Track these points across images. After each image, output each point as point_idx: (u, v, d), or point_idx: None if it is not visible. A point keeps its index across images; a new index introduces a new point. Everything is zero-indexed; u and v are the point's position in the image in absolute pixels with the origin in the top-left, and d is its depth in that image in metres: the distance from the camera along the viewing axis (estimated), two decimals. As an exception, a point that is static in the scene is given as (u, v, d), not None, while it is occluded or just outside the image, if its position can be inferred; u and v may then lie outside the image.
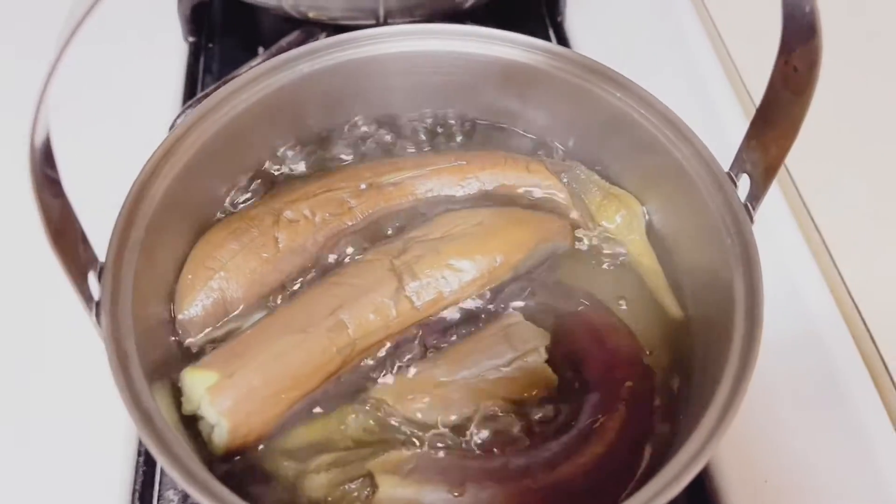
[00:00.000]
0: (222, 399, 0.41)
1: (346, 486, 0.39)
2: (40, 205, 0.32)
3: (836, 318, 0.61)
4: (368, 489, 0.39)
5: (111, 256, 0.40)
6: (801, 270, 0.64)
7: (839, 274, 0.64)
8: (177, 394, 0.44)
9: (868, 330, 0.61)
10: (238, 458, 0.42)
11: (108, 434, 0.55)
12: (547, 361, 0.44)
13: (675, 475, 0.35)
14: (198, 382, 0.42)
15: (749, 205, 0.44)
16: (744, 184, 0.45)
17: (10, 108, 0.46)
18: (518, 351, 0.44)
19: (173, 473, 0.34)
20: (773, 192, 0.68)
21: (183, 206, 0.47)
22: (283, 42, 0.75)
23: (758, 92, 0.42)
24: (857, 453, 0.54)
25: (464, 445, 0.42)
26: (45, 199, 0.32)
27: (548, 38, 0.79)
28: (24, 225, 0.34)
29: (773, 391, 0.56)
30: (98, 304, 0.38)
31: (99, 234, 0.40)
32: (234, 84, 0.49)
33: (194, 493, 0.33)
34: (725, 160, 0.46)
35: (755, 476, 0.53)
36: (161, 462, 0.34)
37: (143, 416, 0.36)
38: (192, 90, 0.77)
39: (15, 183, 0.33)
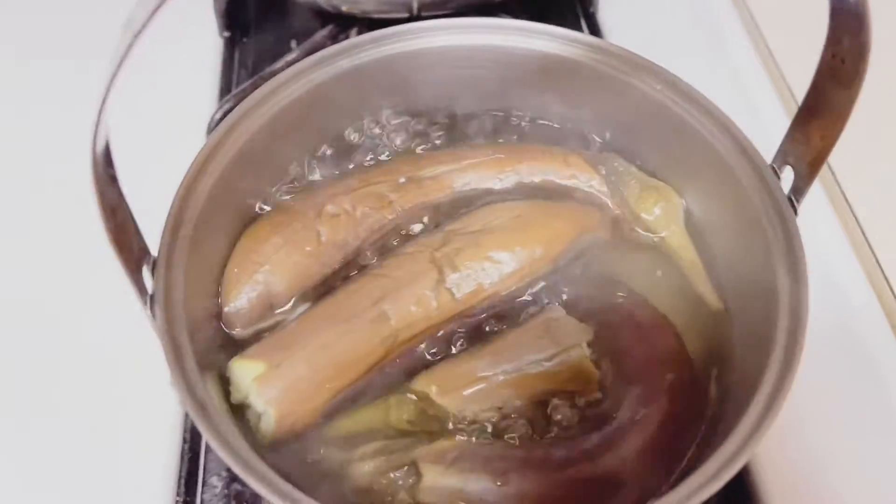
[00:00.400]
0: (269, 388, 0.42)
1: (391, 475, 0.40)
2: (101, 205, 0.33)
3: (877, 313, 0.60)
4: (413, 478, 0.40)
5: (163, 251, 0.41)
6: (840, 264, 0.63)
7: (880, 268, 0.63)
8: (225, 384, 0.45)
9: (909, 322, 0.60)
10: (285, 446, 0.43)
11: (155, 422, 0.56)
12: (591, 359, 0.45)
13: (715, 472, 0.35)
14: (245, 372, 0.43)
15: (793, 197, 0.44)
16: (787, 176, 0.44)
17: (70, 112, 0.47)
18: (560, 346, 0.44)
19: (228, 459, 0.35)
20: (813, 185, 0.67)
21: (228, 202, 0.48)
22: (317, 36, 0.76)
23: (797, 84, 0.42)
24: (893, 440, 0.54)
25: (506, 437, 0.42)
26: (106, 200, 0.33)
27: (580, 30, 0.78)
28: (80, 224, 0.35)
29: (813, 389, 0.56)
30: (152, 296, 0.39)
31: (149, 231, 0.42)
32: (275, 82, 0.49)
33: (247, 478, 0.34)
34: (764, 153, 0.46)
35: (794, 473, 0.53)
36: (216, 448, 0.35)
37: (198, 404, 0.37)
38: (227, 84, 0.78)
39: (72, 185, 0.34)
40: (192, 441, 0.56)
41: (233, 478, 0.56)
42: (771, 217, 0.44)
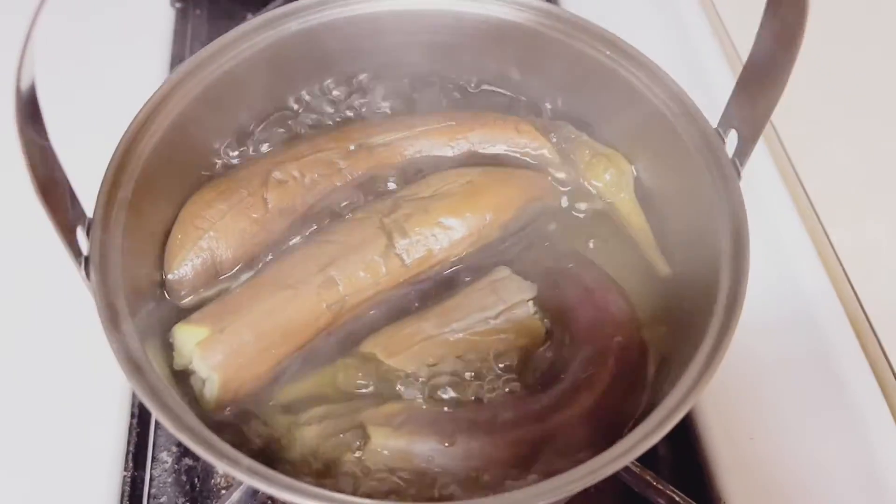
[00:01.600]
0: (213, 353, 0.41)
1: (339, 437, 0.40)
2: (26, 152, 0.31)
3: (824, 281, 0.62)
4: (360, 440, 0.40)
5: (99, 212, 0.40)
6: (788, 232, 0.65)
7: (826, 236, 0.65)
8: (169, 352, 0.44)
9: (854, 291, 0.62)
10: (230, 411, 0.42)
11: (102, 397, 0.55)
12: (535, 315, 0.45)
13: (660, 422, 0.36)
14: (189, 337, 0.42)
15: (737, 161, 0.44)
16: (731, 140, 0.45)
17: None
18: (506, 303, 0.44)
19: (165, 422, 0.34)
20: (761, 153, 0.69)
21: (171, 165, 0.47)
22: (270, 6, 0.74)
23: (746, 50, 0.42)
24: (842, 413, 0.55)
25: (454, 397, 0.42)
26: (31, 146, 0.32)
27: None
28: (12, 182, 0.34)
29: (760, 353, 0.57)
30: (87, 258, 0.38)
31: (88, 193, 0.40)
32: (222, 40, 0.48)
33: (187, 441, 0.34)
34: (714, 118, 0.46)
35: (741, 434, 0.54)
36: (153, 411, 0.35)
37: (134, 367, 0.36)
38: (180, 55, 0.76)
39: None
40: (140, 416, 0.55)
41: (183, 452, 0.55)
42: (716, 181, 0.44)
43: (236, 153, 0.52)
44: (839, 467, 0.53)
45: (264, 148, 0.53)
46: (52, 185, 0.35)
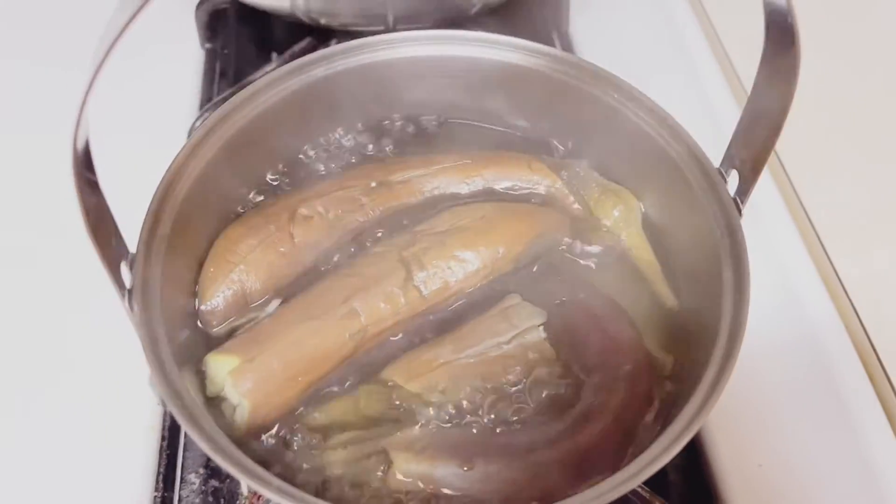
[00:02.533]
0: (244, 381, 0.44)
1: (363, 463, 0.42)
2: (81, 201, 0.35)
3: (830, 311, 0.63)
4: (384, 465, 0.42)
5: (141, 248, 0.43)
6: (794, 264, 0.66)
7: (833, 268, 0.66)
8: (201, 379, 0.47)
9: (860, 320, 0.63)
10: (259, 435, 0.44)
11: (134, 420, 0.58)
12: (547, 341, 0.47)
13: (666, 446, 0.38)
14: (221, 366, 0.45)
15: (738, 199, 0.46)
16: (733, 179, 0.47)
17: (49, 116, 0.49)
18: (518, 328, 0.46)
19: (203, 445, 0.37)
20: (768, 187, 0.71)
21: (205, 204, 0.50)
22: (296, 48, 0.78)
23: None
24: (848, 441, 0.56)
25: (472, 421, 0.44)
26: (85, 196, 0.35)
27: (553, 46, 0.81)
28: (64, 222, 0.37)
29: (768, 381, 0.59)
30: (130, 291, 0.41)
31: (128, 230, 0.43)
32: (253, 88, 0.52)
33: (223, 463, 0.36)
34: (722, 156, 0.49)
35: (750, 461, 0.56)
36: (192, 434, 0.37)
37: (174, 393, 0.39)
38: (209, 94, 0.80)
39: (54, 183, 0.36)
40: (170, 438, 0.58)
41: (210, 474, 0.57)
42: (718, 218, 0.47)
43: (265, 192, 0.55)
44: (847, 493, 0.54)
45: (291, 187, 0.56)
46: (100, 224, 0.38)
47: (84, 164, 0.35)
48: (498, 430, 0.44)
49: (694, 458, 0.56)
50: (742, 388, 0.48)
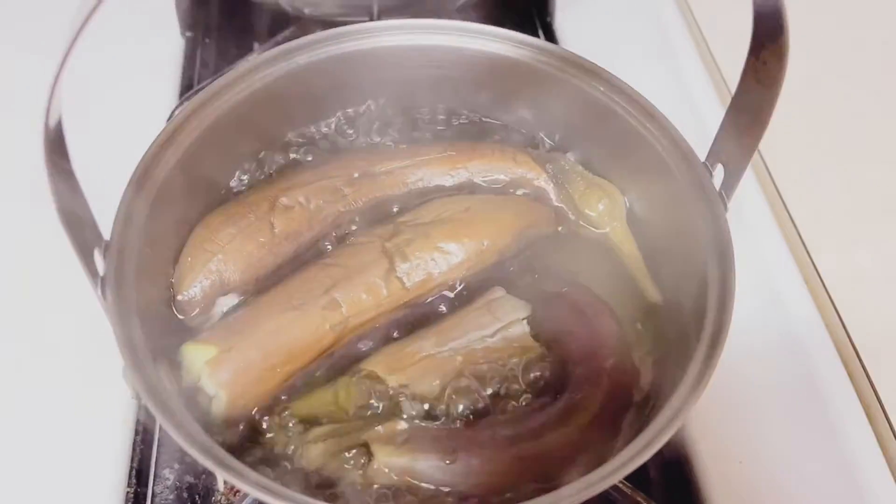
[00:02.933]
0: (220, 371, 0.43)
1: (343, 456, 0.41)
2: (52, 183, 0.34)
3: (811, 309, 0.64)
4: (364, 458, 0.41)
5: (115, 235, 0.42)
6: (775, 261, 0.67)
7: (814, 265, 0.67)
8: (177, 370, 0.45)
9: (840, 317, 0.63)
10: (236, 427, 0.43)
11: (107, 414, 0.56)
12: (531, 335, 0.47)
13: (648, 442, 0.37)
14: (197, 356, 0.44)
15: (724, 193, 0.46)
16: (719, 173, 0.47)
17: (21, 98, 0.48)
18: (502, 322, 0.46)
19: (178, 438, 0.36)
20: (750, 185, 0.71)
21: (183, 191, 0.49)
22: (279, 37, 0.76)
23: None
24: (828, 438, 0.57)
25: (454, 415, 0.44)
26: (56, 178, 0.34)
27: (536, 35, 0.81)
28: (37, 207, 0.36)
29: (748, 378, 0.59)
30: (103, 279, 0.40)
31: (103, 217, 0.42)
32: (233, 74, 0.51)
33: (199, 457, 0.35)
34: (704, 151, 0.49)
35: (730, 457, 0.56)
36: (166, 426, 0.36)
37: (148, 384, 0.38)
38: (189, 83, 0.79)
39: (25, 167, 0.35)
40: (143, 433, 0.56)
41: (185, 470, 0.56)
42: (704, 212, 0.47)
43: (245, 180, 0.54)
44: (825, 489, 0.54)
45: (272, 175, 0.55)
46: (72, 210, 0.36)
47: (56, 145, 0.34)
48: (480, 424, 0.43)
49: (675, 455, 0.56)
50: (722, 384, 0.48)
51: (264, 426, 0.44)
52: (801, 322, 0.63)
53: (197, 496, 0.55)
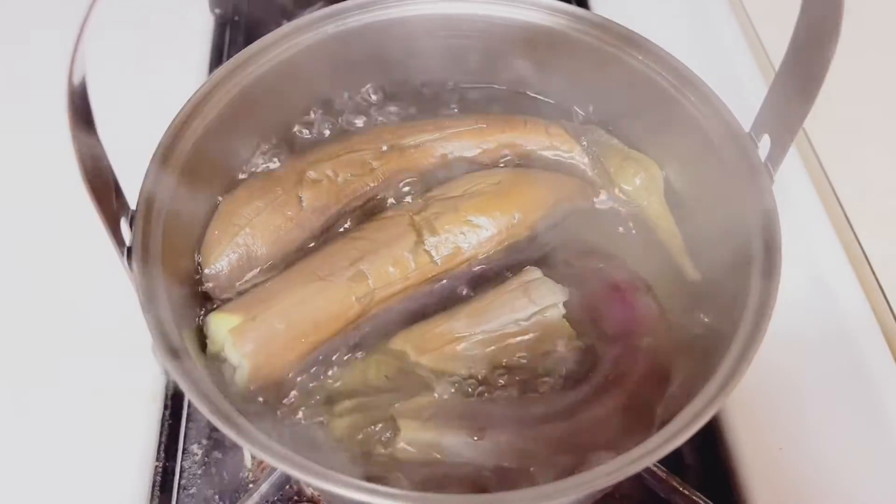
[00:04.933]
0: (245, 340, 0.42)
1: (369, 429, 0.40)
2: (76, 144, 0.33)
3: (857, 293, 0.61)
4: (390, 432, 0.40)
5: (142, 205, 0.41)
6: (820, 242, 0.64)
7: (859, 244, 0.64)
8: (202, 343, 0.45)
9: (888, 301, 0.61)
10: (260, 398, 0.43)
11: (137, 390, 0.57)
12: (565, 316, 0.45)
13: (684, 424, 0.36)
14: (222, 324, 0.43)
15: (769, 165, 0.44)
16: (764, 145, 0.45)
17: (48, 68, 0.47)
18: (538, 306, 0.44)
19: (201, 406, 0.35)
20: (794, 163, 0.68)
21: (210, 162, 0.48)
22: (306, 12, 0.75)
23: (777, 55, 0.42)
24: (873, 426, 0.55)
25: (483, 394, 0.43)
26: (81, 139, 0.33)
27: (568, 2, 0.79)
28: (66, 180, 0.36)
29: (790, 361, 0.57)
30: (130, 249, 0.39)
31: (130, 188, 0.42)
32: (261, 43, 0.50)
33: (221, 426, 0.35)
34: (745, 123, 0.46)
35: (770, 443, 0.54)
36: (190, 395, 0.35)
37: (172, 352, 0.37)
38: (218, 60, 0.79)
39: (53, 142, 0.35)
40: (172, 409, 0.57)
41: (213, 445, 0.56)
42: (748, 185, 0.44)
43: (272, 152, 0.54)
44: (868, 478, 0.52)
45: (299, 148, 0.54)
46: (98, 178, 0.36)
47: (80, 105, 0.33)
48: (510, 402, 0.42)
49: (711, 440, 0.55)
50: (762, 369, 0.46)
51: (288, 399, 0.43)
52: (847, 305, 0.61)
53: (224, 471, 0.55)
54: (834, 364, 0.58)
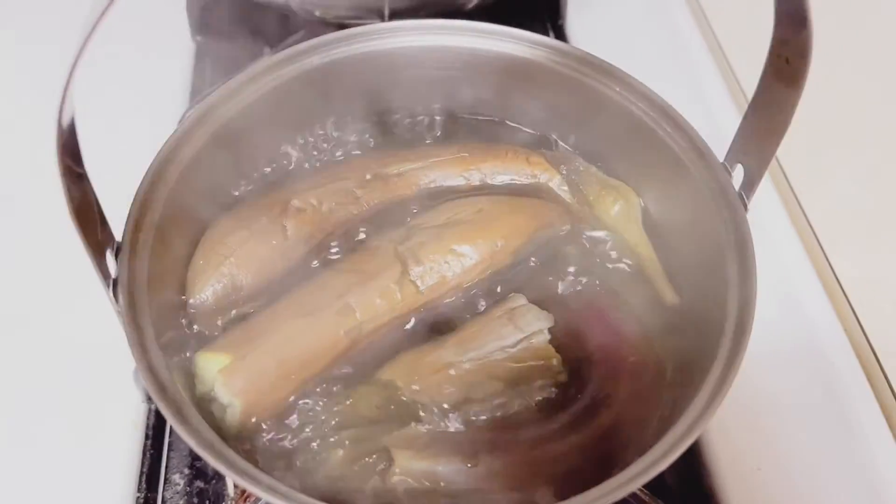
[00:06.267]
0: (235, 380, 0.42)
1: (364, 461, 0.40)
2: (64, 183, 0.33)
3: (829, 313, 0.63)
4: (385, 463, 0.40)
5: (127, 237, 0.41)
6: (793, 266, 0.66)
7: (832, 269, 0.66)
8: (189, 377, 0.45)
9: (859, 322, 0.62)
10: (252, 437, 0.43)
11: (116, 417, 0.56)
12: (551, 341, 0.46)
13: (668, 448, 0.36)
14: (211, 364, 0.43)
15: (743, 194, 0.45)
16: (738, 174, 0.46)
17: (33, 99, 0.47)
18: (524, 332, 0.45)
19: (190, 441, 0.35)
20: (766, 188, 0.70)
21: (195, 193, 0.48)
22: (290, 41, 0.76)
23: (750, 87, 0.43)
24: (847, 443, 0.56)
25: (474, 422, 0.43)
26: (69, 178, 0.34)
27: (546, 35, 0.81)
28: (48, 209, 0.36)
29: (766, 383, 0.58)
30: (115, 280, 0.39)
31: (115, 219, 0.42)
32: (246, 75, 0.50)
33: (211, 461, 0.35)
34: (719, 153, 0.48)
35: (748, 463, 0.55)
36: (178, 430, 0.35)
37: (159, 386, 0.37)
38: (199, 87, 0.79)
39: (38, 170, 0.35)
40: (154, 438, 0.56)
41: (195, 475, 0.56)
42: (723, 213, 0.46)
43: (257, 182, 0.54)
44: (844, 496, 0.53)
45: (284, 177, 0.54)
46: (84, 210, 0.36)
47: (68, 145, 0.33)
48: (502, 427, 0.42)
49: (692, 460, 0.55)
50: (740, 389, 0.47)
51: (279, 434, 0.43)
52: (819, 326, 0.62)
53: (207, 501, 0.54)
54: (808, 383, 0.59)
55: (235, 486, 0.54)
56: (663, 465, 0.36)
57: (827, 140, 0.70)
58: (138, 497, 0.53)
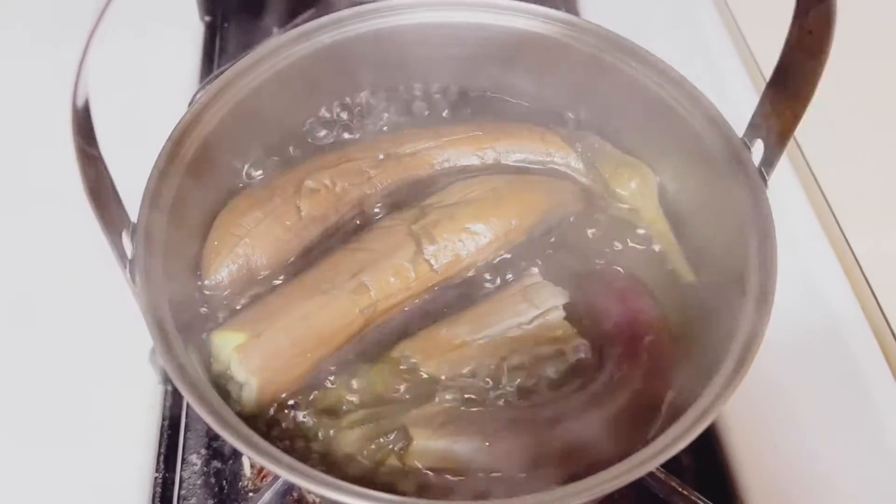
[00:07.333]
0: (251, 358, 0.42)
1: (380, 440, 0.40)
2: (80, 164, 0.33)
3: (847, 292, 0.62)
4: (402, 442, 0.40)
5: (143, 217, 0.41)
6: (810, 244, 0.65)
7: (850, 248, 0.65)
8: (205, 356, 0.45)
9: (877, 301, 0.62)
10: (267, 414, 0.43)
11: (133, 399, 0.56)
12: (566, 318, 0.45)
13: (686, 429, 0.36)
14: (227, 342, 0.43)
15: (763, 170, 0.45)
16: (757, 149, 0.45)
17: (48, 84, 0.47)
18: (539, 309, 0.45)
19: (208, 419, 0.35)
20: (783, 166, 0.69)
21: (208, 174, 0.48)
22: (299, 20, 0.76)
23: (766, 62, 0.42)
24: (865, 422, 0.56)
25: (491, 398, 0.43)
26: (85, 159, 0.34)
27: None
28: (63, 191, 0.35)
29: (784, 362, 0.57)
30: (132, 261, 0.39)
31: (130, 201, 0.42)
32: (258, 54, 0.50)
33: (230, 439, 0.35)
34: (735, 128, 0.47)
35: (765, 443, 0.54)
36: (196, 408, 0.36)
37: (178, 366, 0.37)
38: (208, 68, 0.78)
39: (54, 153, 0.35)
40: (171, 419, 0.56)
41: (212, 455, 0.56)
42: (742, 190, 0.45)
43: (270, 163, 0.54)
44: (862, 476, 0.53)
45: (297, 158, 0.54)
46: (100, 191, 0.36)
47: (83, 126, 0.33)
48: (520, 405, 0.42)
49: (708, 441, 0.55)
50: (758, 369, 0.47)
51: (296, 413, 0.43)
52: (837, 305, 0.62)
53: (224, 481, 0.55)
54: (826, 363, 0.59)
55: (252, 466, 0.55)
56: (682, 444, 0.36)
57: (844, 116, 0.69)
58: (156, 477, 0.53)
